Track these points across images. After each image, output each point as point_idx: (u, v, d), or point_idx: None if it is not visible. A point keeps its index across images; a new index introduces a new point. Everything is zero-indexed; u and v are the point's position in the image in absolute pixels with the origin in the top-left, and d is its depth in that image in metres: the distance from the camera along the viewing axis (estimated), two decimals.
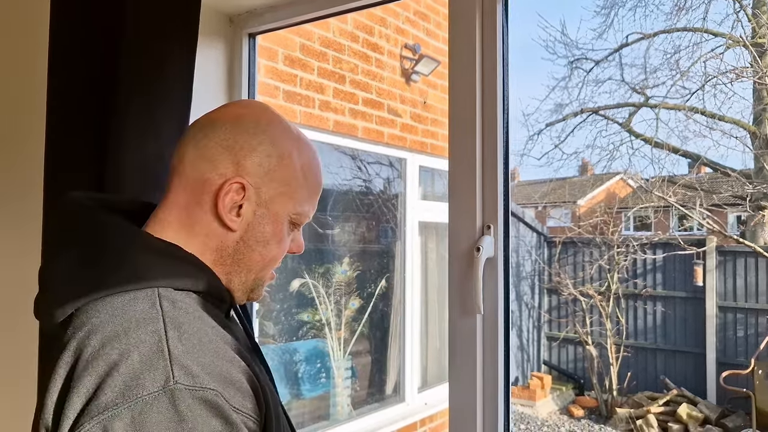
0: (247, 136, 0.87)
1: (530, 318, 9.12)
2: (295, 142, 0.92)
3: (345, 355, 4.29)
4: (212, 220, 0.86)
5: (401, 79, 4.45)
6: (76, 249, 0.83)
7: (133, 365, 0.68)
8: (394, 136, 4.33)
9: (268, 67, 3.32)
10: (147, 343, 0.71)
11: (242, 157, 0.86)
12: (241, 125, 0.88)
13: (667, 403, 7.42)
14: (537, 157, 14.02)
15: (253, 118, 0.90)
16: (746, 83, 8.84)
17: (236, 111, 0.91)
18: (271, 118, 0.91)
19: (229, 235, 0.88)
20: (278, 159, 0.89)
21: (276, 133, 0.90)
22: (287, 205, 0.91)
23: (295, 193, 0.91)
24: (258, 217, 0.89)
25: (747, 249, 7.74)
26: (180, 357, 0.70)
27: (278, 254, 0.93)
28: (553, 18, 29.47)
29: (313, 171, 0.95)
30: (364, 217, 4.59)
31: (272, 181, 0.88)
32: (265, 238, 0.90)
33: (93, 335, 0.72)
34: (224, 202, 0.85)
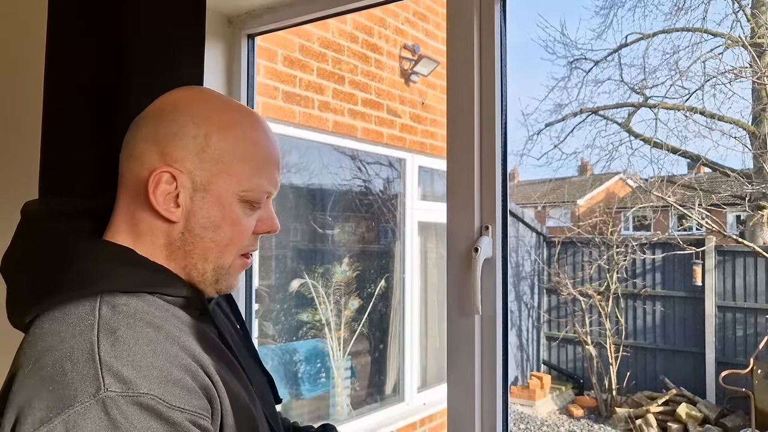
0: (167, 122, 0.83)
1: (530, 318, 9.12)
2: (225, 115, 0.86)
3: (345, 355, 4.30)
4: (152, 216, 0.83)
5: (400, 80, 4.46)
6: (30, 259, 0.84)
7: (65, 376, 0.67)
8: (394, 136, 4.33)
9: (267, 67, 3.32)
10: (78, 351, 0.69)
11: (165, 145, 0.82)
12: (161, 114, 0.84)
13: (667, 402, 7.43)
14: (536, 157, 14.06)
15: (173, 103, 0.85)
16: (745, 83, 8.85)
17: (158, 103, 0.87)
18: (192, 98, 0.86)
19: (173, 227, 0.84)
20: (205, 138, 0.83)
21: (199, 111, 0.84)
22: (229, 184, 0.84)
23: (234, 168, 0.84)
24: (198, 203, 0.83)
25: (746, 249, 7.75)
26: (111, 363, 0.68)
27: (236, 237, 0.86)
28: (553, 18, 29.52)
29: (253, 141, 0.87)
30: (364, 218, 4.60)
31: (204, 162, 0.83)
32: (212, 222, 0.84)
33: (32, 346, 0.73)
34: (155, 194, 0.81)
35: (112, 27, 1.25)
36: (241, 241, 0.88)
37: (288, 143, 3.80)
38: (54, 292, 0.76)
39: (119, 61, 1.22)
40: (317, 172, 4.16)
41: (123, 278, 0.79)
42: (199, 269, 0.86)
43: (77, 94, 1.23)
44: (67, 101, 1.24)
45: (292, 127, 3.55)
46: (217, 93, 0.91)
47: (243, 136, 0.86)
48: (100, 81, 1.23)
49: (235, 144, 0.84)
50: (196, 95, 0.88)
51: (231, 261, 0.88)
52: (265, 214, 0.92)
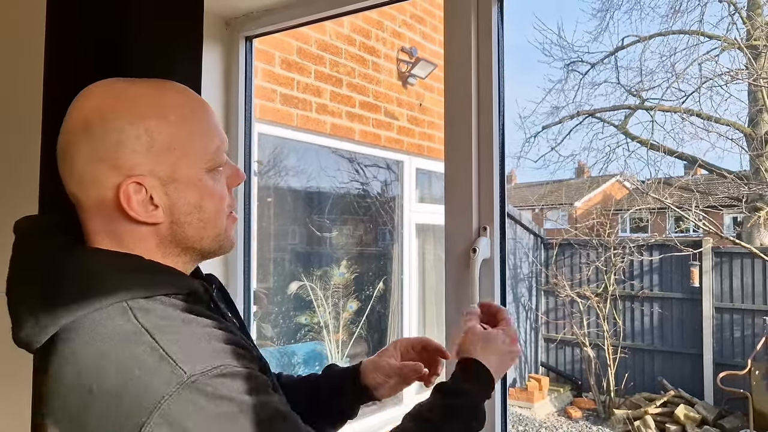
0: (102, 135, 0.80)
1: (528, 320, 9.13)
2: (152, 102, 0.84)
3: (343, 357, 4.30)
4: (136, 227, 0.83)
5: (398, 82, 4.47)
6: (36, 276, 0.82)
7: (140, 379, 0.70)
8: (391, 138, 4.34)
9: (265, 70, 3.33)
10: (141, 354, 0.72)
11: (114, 159, 0.80)
12: (90, 130, 0.80)
13: (665, 404, 7.43)
14: (534, 160, 14.06)
15: (96, 112, 0.81)
16: (741, 85, 8.88)
17: (78, 117, 0.83)
18: (110, 99, 0.83)
19: (159, 227, 0.84)
20: (147, 133, 0.81)
21: (126, 110, 0.81)
22: (192, 164, 0.84)
23: (189, 147, 0.84)
24: (173, 194, 0.83)
25: (743, 250, 7.76)
26: (178, 355, 0.72)
27: (218, 205, 0.88)
28: (550, 20, 29.58)
29: (188, 113, 0.86)
30: (362, 220, 4.60)
31: (158, 155, 0.81)
32: (193, 205, 0.85)
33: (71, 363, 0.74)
34: (132, 207, 0.80)
35: (110, 29, 1.25)
36: (223, 204, 0.89)
37: (286, 146, 3.80)
38: (76, 307, 0.76)
39: (118, 62, 1.22)
40: (315, 175, 4.17)
41: (140, 285, 0.80)
42: (197, 249, 0.88)
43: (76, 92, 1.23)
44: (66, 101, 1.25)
45: (289, 129, 3.56)
46: (122, 80, 0.87)
47: (179, 114, 0.84)
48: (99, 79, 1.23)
49: (176, 125, 0.83)
50: (110, 95, 0.84)
51: (223, 225, 0.90)
52: (229, 170, 0.92)
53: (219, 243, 0.90)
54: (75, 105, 0.84)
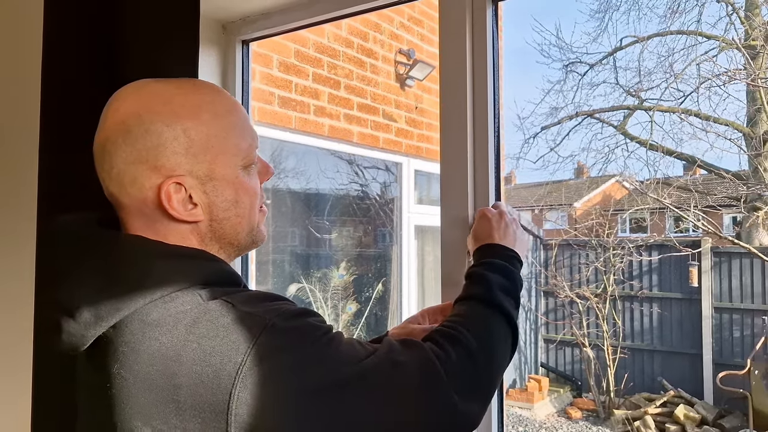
0: (141, 137, 0.82)
1: (527, 320, 9.13)
2: (187, 103, 0.85)
3: None
4: (177, 225, 0.85)
5: (396, 84, 4.48)
6: (90, 267, 0.82)
7: (228, 332, 0.75)
8: (390, 140, 4.35)
9: (263, 73, 3.34)
10: (223, 314, 0.77)
11: (155, 160, 0.82)
12: (128, 132, 0.82)
13: (665, 404, 7.43)
14: (533, 160, 14.11)
15: (133, 115, 0.83)
16: (740, 85, 8.90)
17: (115, 119, 0.84)
18: (147, 101, 0.84)
19: (199, 225, 0.87)
20: (184, 134, 0.83)
21: (163, 112, 0.83)
22: (228, 162, 0.87)
23: (225, 146, 0.87)
24: (212, 192, 0.86)
25: (742, 250, 7.77)
26: (254, 308, 0.78)
27: (253, 200, 0.92)
28: (548, 22, 29.63)
29: (223, 113, 0.88)
30: (361, 222, 4.61)
31: (196, 155, 0.84)
32: (230, 202, 0.88)
33: (162, 341, 0.75)
34: (173, 206, 0.83)
35: (107, 27, 1.26)
36: (256, 199, 0.93)
37: (285, 148, 3.81)
38: (138, 297, 0.78)
39: (114, 63, 1.23)
40: (314, 177, 4.18)
41: (199, 274, 0.83)
42: (234, 244, 0.91)
43: (75, 95, 1.24)
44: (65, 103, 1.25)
45: (288, 132, 3.57)
46: (155, 81, 0.89)
47: (214, 113, 0.87)
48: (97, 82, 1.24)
49: (212, 125, 0.86)
50: (147, 96, 0.85)
51: (255, 219, 0.94)
52: (260, 166, 0.95)
53: (253, 237, 0.94)
54: (110, 107, 0.86)
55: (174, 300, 0.78)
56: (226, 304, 0.78)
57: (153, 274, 0.80)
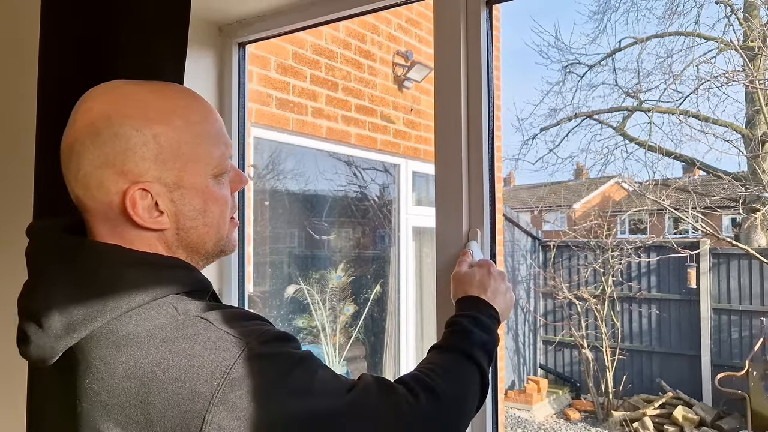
0: (110, 140, 0.79)
1: (526, 322, 9.14)
2: (159, 108, 0.83)
3: (340, 361, 4.31)
4: (142, 232, 0.83)
5: (394, 86, 4.48)
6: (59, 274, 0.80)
7: (204, 354, 0.73)
8: (387, 142, 4.35)
9: (260, 75, 3.34)
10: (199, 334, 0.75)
11: (122, 164, 0.80)
12: (98, 135, 0.80)
13: (663, 405, 7.44)
14: (532, 162, 14.11)
15: (103, 117, 0.80)
16: (739, 86, 8.90)
17: (85, 120, 0.82)
18: (118, 103, 0.82)
19: (165, 232, 0.85)
20: (154, 139, 0.81)
21: (135, 116, 0.81)
22: (199, 171, 0.85)
23: (196, 154, 0.84)
24: (179, 201, 0.84)
25: (740, 251, 7.78)
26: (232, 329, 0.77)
27: (222, 210, 0.90)
28: (547, 23, 29.64)
29: (197, 120, 0.86)
30: (359, 223, 4.62)
31: (165, 162, 0.82)
32: (198, 211, 0.86)
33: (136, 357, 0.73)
34: (138, 213, 0.81)
35: (99, 38, 1.26)
36: (226, 209, 0.91)
37: (283, 149, 3.81)
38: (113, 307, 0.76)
39: (103, 62, 1.23)
40: (312, 178, 4.18)
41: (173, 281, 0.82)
42: (201, 252, 0.89)
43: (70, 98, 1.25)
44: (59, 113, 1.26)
45: (285, 133, 3.57)
46: (128, 83, 0.86)
47: (186, 120, 0.84)
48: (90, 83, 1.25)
49: (183, 132, 0.83)
50: (118, 98, 0.83)
51: (225, 229, 0.92)
52: (233, 174, 0.93)
53: (221, 247, 0.92)
54: (81, 107, 0.84)
55: (149, 312, 0.76)
56: (202, 322, 0.77)
57: (125, 282, 0.78)
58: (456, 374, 0.97)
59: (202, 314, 0.78)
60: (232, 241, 0.94)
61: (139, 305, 0.76)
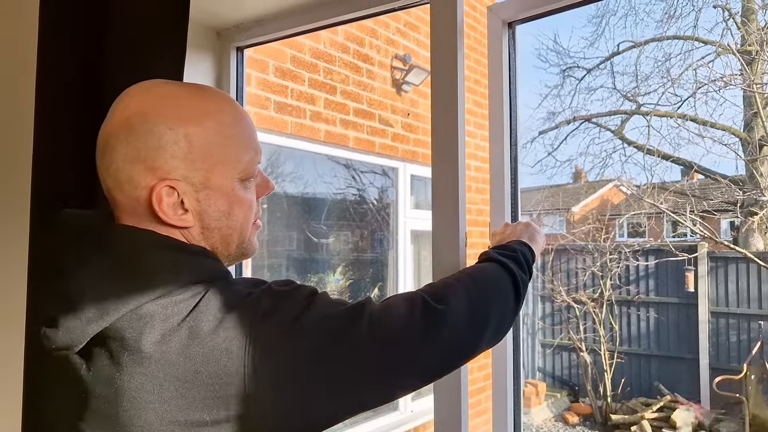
0: (143, 136, 0.82)
1: (524, 325, 9.14)
2: (193, 109, 0.85)
3: None
4: (166, 228, 0.84)
5: (392, 90, 4.49)
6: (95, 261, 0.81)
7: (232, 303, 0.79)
8: (386, 145, 4.36)
9: (259, 78, 3.35)
10: (226, 296, 0.80)
11: (152, 161, 0.82)
12: (132, 131, 0.82)
13: (661, 408, 7.44)
14: (530, 165, 14.10)
15: (139, 114, 0.83)
16: (736, 90, 8.93)
17: (121, 116, 0.84)
18: (155, 102, 0.84)
19: (190, 230, 0.86)
20: (186, 138, 0.83)
21: (169, 115, 0.83)
22: (226, 173, 0.87)
23: (225, 156, 0.86)
24: (204, 201, 0.86)
25: (738, 255, 7.79)
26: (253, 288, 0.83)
27: (247, 214, 0.92)
28: (545, 26, 29.69)
29: (229, 123, 0.88)
30: (358, 226, 4.62)
31: (194, 162, 0.84)
32: (223, 212, 0.88)
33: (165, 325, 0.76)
34: (163, 210, 0.83)
35: (98, 40, 1.27)
36: (251, 214, 0.93)
37: (282, 153, 3.82)
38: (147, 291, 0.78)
39: (105, 74, 1.24)
40: (311, 181, 4.18)
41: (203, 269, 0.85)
42: (224, 253, 0.91)
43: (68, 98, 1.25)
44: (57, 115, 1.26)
45: (284, 137, 3.57)
46: (166, 83, 0.89)
47: (219, 122, 0.86)
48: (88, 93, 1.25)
49: (215, 134, 0.85)
50: (155, 97, 0.85)
51: (248, 233, 0.94)
52: (260, 180, 0.95)
53: (243, 249, 0.94)
54: (118, 104, 0.86)
55: (179, 293, 0.78)
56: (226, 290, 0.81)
57: (160, 266, 0.81)
58: (486, 276, 1.06)
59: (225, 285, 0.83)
60: (253, 244, 0.97)
61: (172, 291, 0.78)
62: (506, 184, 1.39)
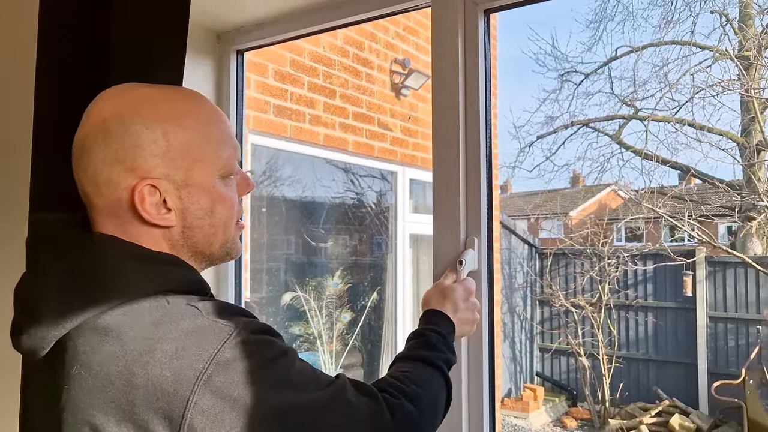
0: (120, 137, 0.81)
1: (522, 329, 9.13)
2: (170, 108, 0.85)
3: (337, 368, 4.29)
4: (149, 228, 0.84)
5: (391, 94, 4.49)
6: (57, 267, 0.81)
7: (191, 340, 0.74)
8: (385, 149, 4.36)
9: (258, 82, 3.35)
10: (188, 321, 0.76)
11: (132, 161, 0.81)
12: (109, 133, 0.82)
13: (660, 413, 7.43)
14: (528, 169, 14.13)
15: (115, 116, 0.83)
16: (734, 95, 8.94)
17: (97, 119, 0.84)
18: (131, 102, 0.84)
19: (171, 230, 0.86)
20: (164, 137, 0.83)
21: (146, 114, 0.83)
22: (206, 170, 0.86)
23: (204, 153, 0.86)
24: (187, 199, 0.85)
25: (736, 259, 7.79)
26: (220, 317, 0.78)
27: (229, 211, 0.91)
28: (544, 31, 29.78)
29: (206, 120, 0.88)
30: (356, 230, 4.61)
31: (174, 160, 0.83)
32: (205, 210, 0.87)
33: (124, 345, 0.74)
34: (146, 209, 0.82)
35: (99, 43, 1.26)
36: (233, 211, 0.92)
37: (281, 156, 3.81)
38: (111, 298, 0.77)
39: (106, 77, 1.23)
40: (310, 185, 4.18)
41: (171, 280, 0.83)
42: (206, 254, 0.90)
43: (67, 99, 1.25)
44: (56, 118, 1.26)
45: (283, 140, 3.57)
46: (141, 85, 0.89)
47: (196, 120, 0.86)
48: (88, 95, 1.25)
49: (193, 132, 0.85)
50: (131, 98, 0.85)
51: (231, 232, 0.93)
52: (240, 178, 0.94)
53: (227, 249, 0.93)
54: (94, 106, 0.86)
55: (141, 305, 0.77)
56: (192, 310, 0.78)
57: (122, 275, 0.79)
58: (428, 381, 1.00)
59: (193, 303, 0.79)
60: (237, 244, 0.96)
61: (133, 299, 0.77)
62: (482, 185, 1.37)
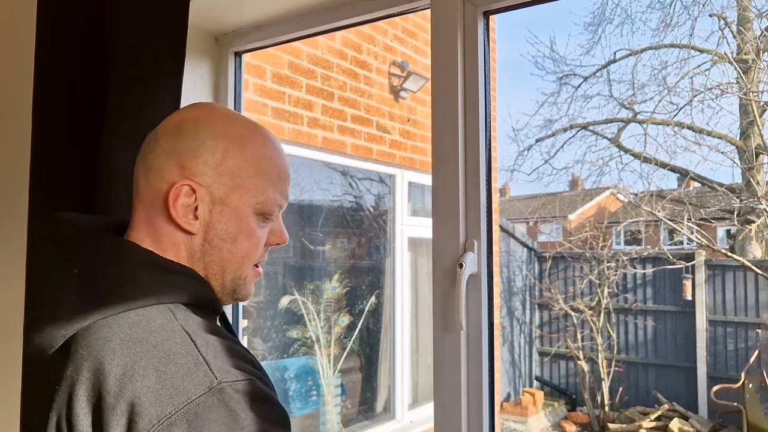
0: (188, 138, 0.86)
1: (521, 333, 9.11)
2: (241, 132, 0.90)
3: (335, 372, 4.27)
4: (173, 228, 0.86)
5: (390, 96, 4.48)
6: (75, 269, 0.81)
7: (174, 376, 0.71)
8: (383, 152, 4.35)
9: (256, 84, 3.34)
10: (180, 354, 0.73)
11: (186, 160, 0.85)
12: (181, 130, 0.87)
13: (659, 417, 7.41)
14: (527, 173, 14.14)
15: (192, 119, 0.88)
16: (733, 98, 8.96)
17: (177, 117, 0.90)
18: (211, 115, 0.90)
19: (193, 239, 0.87)
20: (223, 153, 0.86)
21: (217, 127, 0.88)
22: (245, 197, 0.88)
23: (250, 183, 0.88)
24: (216, 216, 0.87)
25: (735, 263, 7.78)
26: (213, 361, 0.74)
27: (252, 249, 0.91)
28: (542, 34, 29.85)
29: (266, 157, 0.90)
30: (355, 233, 4.60)
31: (222, 176, 0.86)
32: (230, 234, 0.88)
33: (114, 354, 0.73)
34: (176, 207, 0.84)
35: (98, 44, 1.25)
36: (255, 252, 0.92)
37: None
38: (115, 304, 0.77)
39: (106, 78, 1.22)
40: (308, 188, 4.16)
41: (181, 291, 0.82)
42: (218, 280, 0.90)
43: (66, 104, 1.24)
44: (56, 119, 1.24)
45: (281, 143, 3.56)
46: (232, 111, 0.95)
47: (258, 152, 0.89)
48: (88, 97, 1.24)
49: (250, 159, 0.88)
50: (214, 112, 0.91)
51: (247, 272, 0.92)
52: (276, 226, 0.96)
53: (236, 286, 0.92)
54: (179, 111, 0.92)
55: (146, 314, 0.77)
56: (189, 343, 0.75)
57: (133, 281, 0.80)
58: None
59: (193, 334, 0.76)
60: (249, 287, 0.95)
61: (140, 306, 0.77)
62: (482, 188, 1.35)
